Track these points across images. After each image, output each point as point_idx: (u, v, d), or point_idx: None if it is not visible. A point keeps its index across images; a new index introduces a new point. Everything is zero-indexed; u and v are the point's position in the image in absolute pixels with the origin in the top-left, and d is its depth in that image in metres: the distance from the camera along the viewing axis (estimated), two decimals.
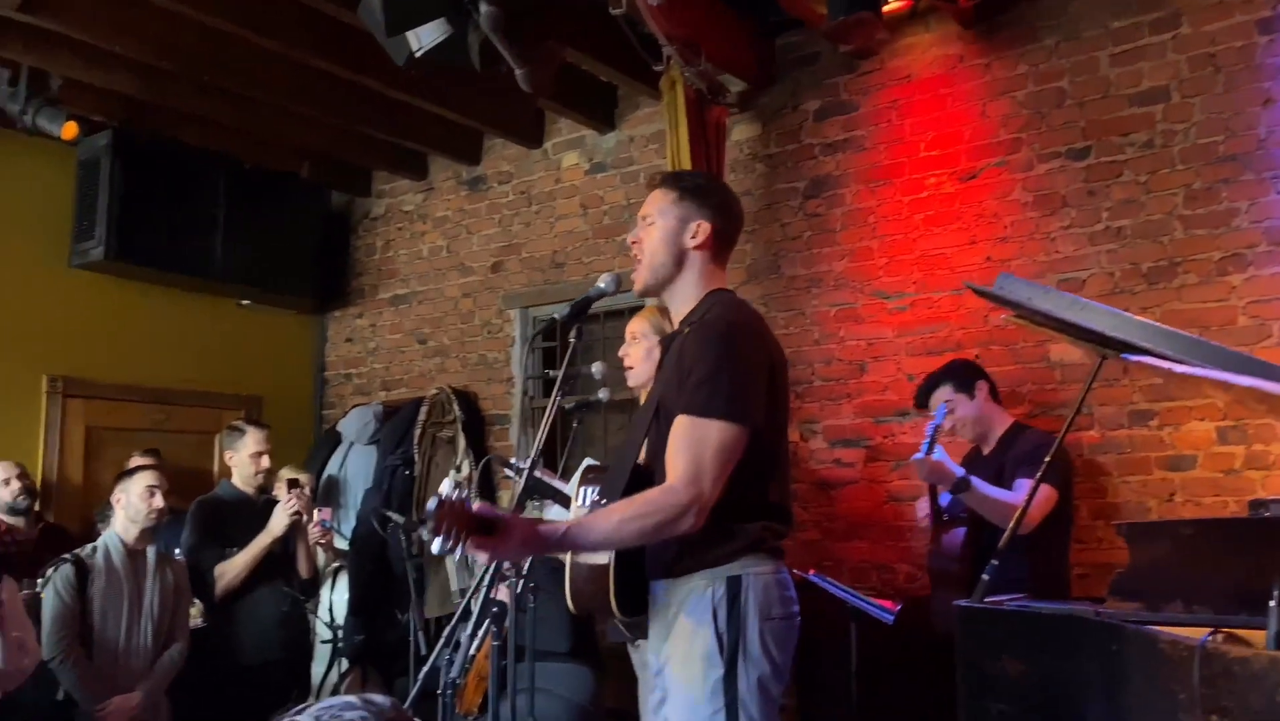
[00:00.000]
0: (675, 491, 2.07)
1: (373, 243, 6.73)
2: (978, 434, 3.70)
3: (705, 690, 2.10)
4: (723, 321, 2.25)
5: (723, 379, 2.13)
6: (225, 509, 4.35)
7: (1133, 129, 4.07)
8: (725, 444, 2.11)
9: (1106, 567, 3.94)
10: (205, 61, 4.82)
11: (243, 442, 4.38)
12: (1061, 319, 2.42)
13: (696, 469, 2.08)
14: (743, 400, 2.14)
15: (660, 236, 2.37)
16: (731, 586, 2.14)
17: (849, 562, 4.56)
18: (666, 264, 2.37)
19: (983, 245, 4.35)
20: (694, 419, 2.12)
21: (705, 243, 2.35)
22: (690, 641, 2.14)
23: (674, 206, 2.36)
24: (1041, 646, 2.46)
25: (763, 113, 5.04)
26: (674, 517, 2.06)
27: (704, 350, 2.18)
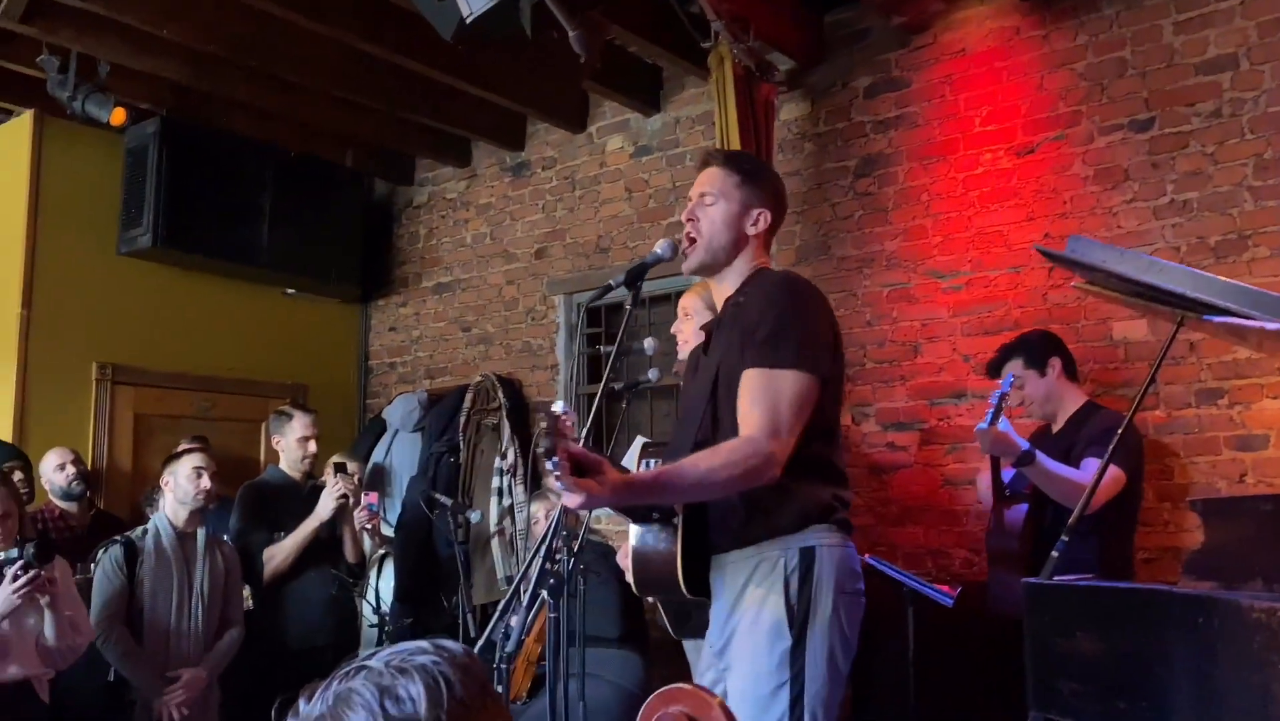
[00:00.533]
0: (758, 441, 2.04)
1: (416, 231, 6.72)
2: (1047, 412, 3.58)
3: (772, 661, 2.04)
4: (783, 279, 2.28)
5: (791, 330, 2.12)
6: (272, 493, 4.35)
7: (1199, 98, 3.94)
8: (799, 393, 2.09)
9: (1173, 551, 3.83)
10: (252, 45, 4.82)
11: (290, 427, 4.37)
12: (1138, 281, 2.32)
13: (774, 418, 2.05)
14: (812, 350, 2.13)
15: (722, 218, 2.34)
16: (805, 557, 2.09)
17: (903, 548, 4.46)
18: (726, 247, 2.35)
19: (1041, 221, 4.23)
20: (765, 370, 2.10)
21: (765, 230, 2.37)
22: (759, 611, 2.08)
23: (737, 190, 2.34)
24: (1119, 622, 2.36)
25: (812, 91, 4.95)
26: (759, 466, 2.02)
27: (768, 305, 2.17)
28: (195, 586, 3.90)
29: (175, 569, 3.86)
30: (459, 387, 5.99)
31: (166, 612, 3.82)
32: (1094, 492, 2.77)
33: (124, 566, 3.76)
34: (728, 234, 2.33)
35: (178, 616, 3.85)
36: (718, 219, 2.33)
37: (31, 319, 5.37)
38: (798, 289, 2.23)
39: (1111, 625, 2.38)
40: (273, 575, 4.19)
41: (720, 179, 2.37)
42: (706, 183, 2.37)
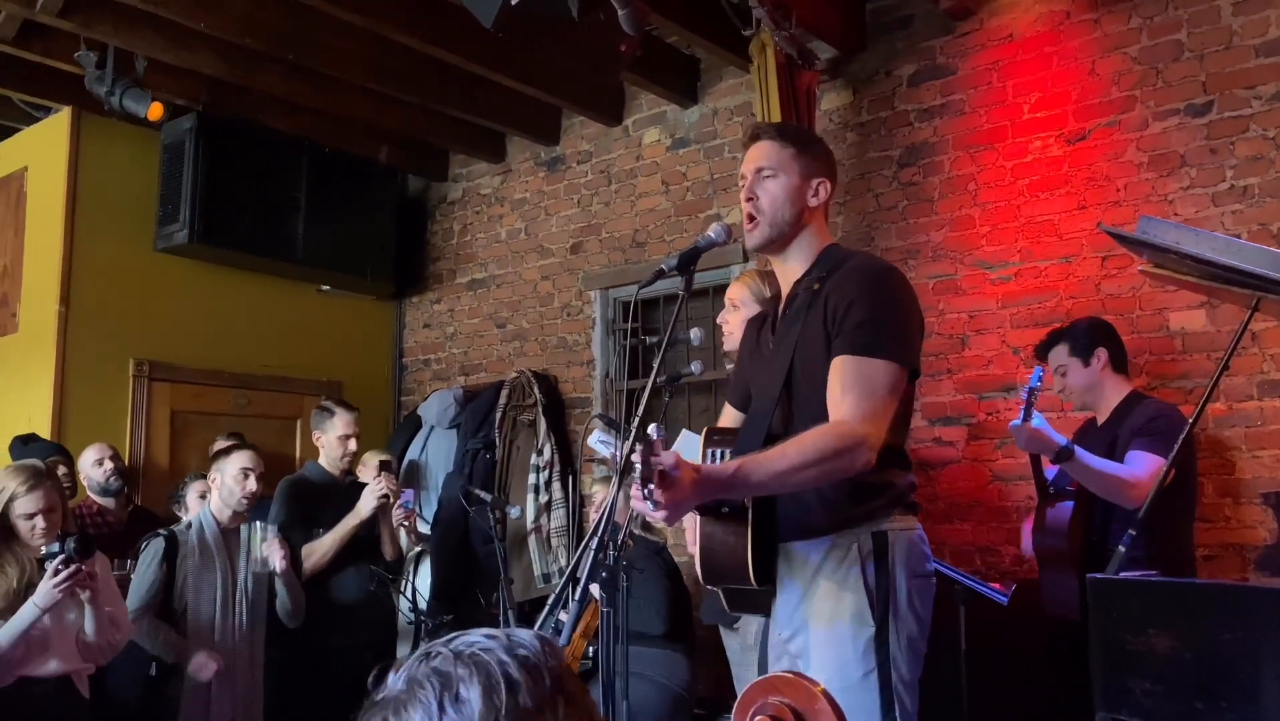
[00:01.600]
0: (848, 425, 1.97)
1: (450, 227, 6.68)
2: (1088, 401, 3.47)
3: (857, 650, 1.99)
4: (876, 264, 2.23)
5: (886, 319, 2.07)
6: (312, 490, 4.31)
7: (1259, 81, 3.81)
8: (892, 383, 2.04)
9: (1234, 548, 3.70)
10: (287, 38, 4.80)
11: (331, 424, 4.33)
12: (1215, 261, 2.22)
13: (869, 404, 2.00)
14: (905, 342, 2.09)
15: (784, 192, 2.27)
16: (878, 541, 2.04)
17: (950, 545, 4.36)
18: (790, 221, 2.28)
19: (1093, 210, 4.12)
20: (859, 358, 2.04)
21: (825, 201, 2.31)
22: (837, 600, 2.02)
23: (795, 161, 2.27)
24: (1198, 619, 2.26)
25: (854, 79, 4.86)
26: (852, 451, 1.95)
27: (860, 292, 2.10)
28: (239, 583, 3.88)
29: (219, 564, 3.84)
30: (494, 384, 5.94)
31: (210, 607, 3.79)
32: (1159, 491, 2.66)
33: (164, 558, 3.73)
34: (791, 208, 2.27)
35: (222, 611, 3.82)
36: (779, 193, 2.26)
37: (69, 315, 5.37)
38: (891, 278, 2.18)
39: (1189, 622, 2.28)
40: (311, 572, 4.15)
41: (775, 152, 2.29)
42: (761, 157, 2.30)
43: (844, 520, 2.07)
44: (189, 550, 3.76)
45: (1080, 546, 3.33)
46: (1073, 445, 3.09)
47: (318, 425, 4.41)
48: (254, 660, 3.89)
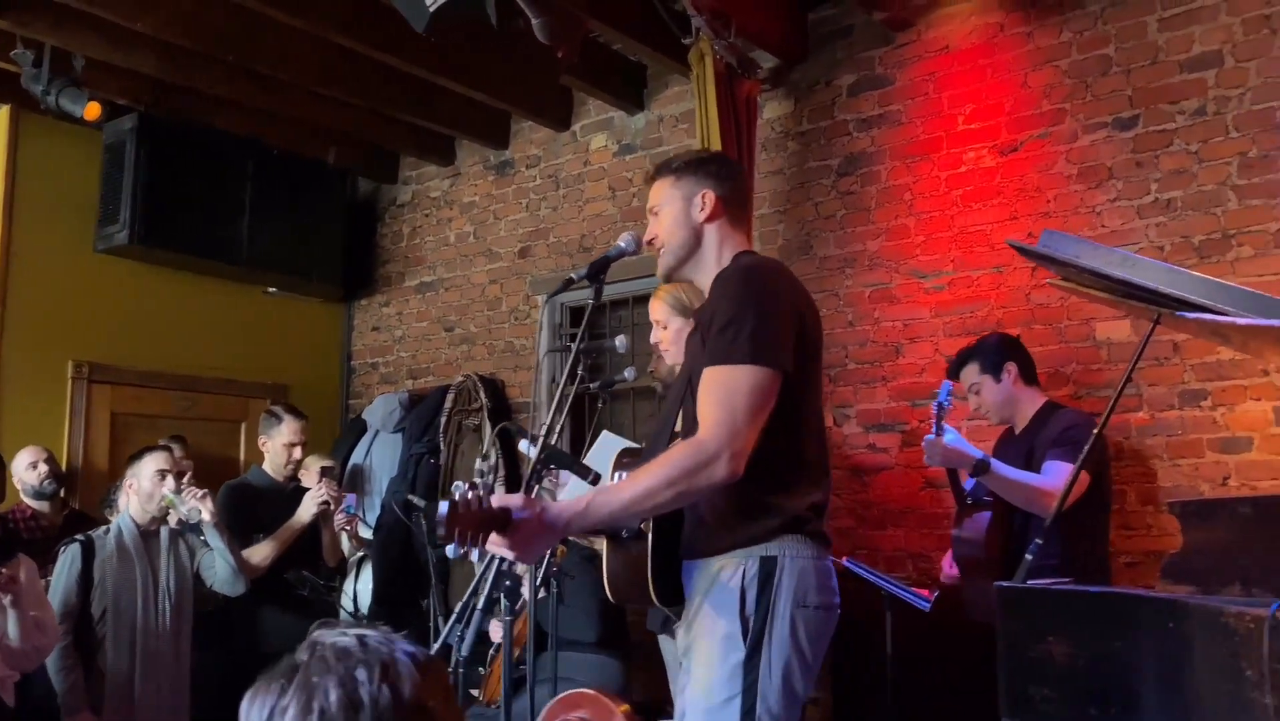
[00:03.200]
0: (703, 442, 1.94)
1: (399, 230, 6.66)
2: (1005, 416, 3.54)
3: (723, 673, 1.97)
4: (741, 267, 2.17)
5: (745, 322, 2.01)
6: (254, 495, 4.30)
7: (1183, 96, 3.89)
8: (754, 387, 1.98)
9: (1156, 555, 3.76)
10: (230, 40, 4.77)
11: (278, 430, 4.32)
12: (1111, 276, 2.27)
13: (727, 415, 1.95)
14: (769, 343, 2.01)
15: (671, 219, 2.30)
16: (765, 566, 2.00)
17: (884, 551, 4.41)
18: (684, 243, 2.29)
19: (1024, 220, 4.18)
20: (719, 367, 2.01)
21: (715, 211, 2.28)
22: (714, 621, 2.01)
23: (674, 188, 2.30)
24: (1091, 627, 2.30)
25: (795, 89, 4.90)
26: (707, 465, 1.91)
27: (722, 296, 2.10)
28: (161, 583, 3.85)
29: (139, 566, 3.80)
30: (440, 388, 5.93)
31: (131, 609, 3.76)
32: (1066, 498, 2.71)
33: (80, 566, 3.70)
34: (680, 231, 2.29)
35: (144, 612, 3.79)
36: (667, 222, 2.31)
37: (6, 316, 5.31)
38: (754, 275, 2.12)
39: (1083, 630, 2.32)
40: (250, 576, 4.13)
41: (659, 187, 2.35)
42: (652, 198, 2.36)
43: (733, 541, 2.04)
44: (107, 555, 3.73)
45: (999, 554, 3.38)
46: (988, 458, 3.14)
47: (264, 430, 4.40)
48: (179, 659, 3.86)
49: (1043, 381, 3.96)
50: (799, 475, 2.10)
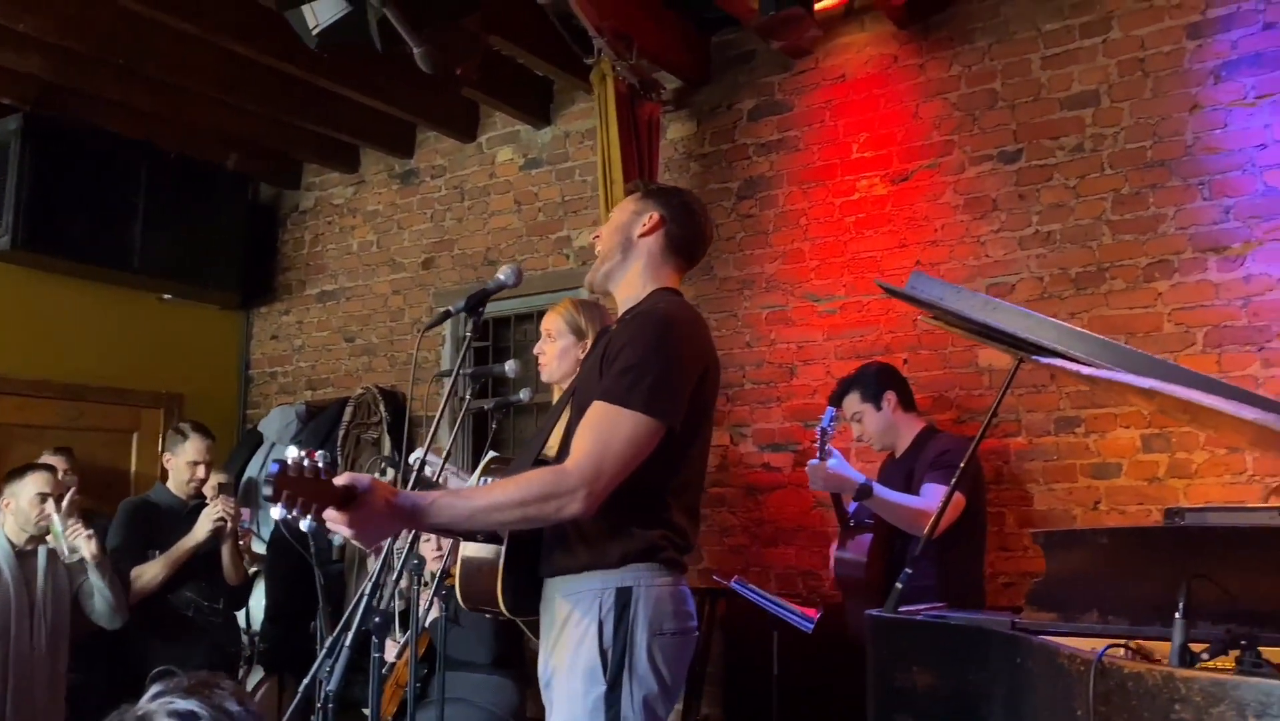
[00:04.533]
0: (566, 472, 1.95)
1: (301, 237, 6.55)
2: (886, 443, 3.64)
3: (586, 706, 1.99)
4: (658, 313, 2.17)
5: (648, 370, 2.02)
6: (154, 513, 4.19)
7: (1063, 132, 4.04)
8: (636, 436, 1.99)
9: (1032, 575, 3.88)
10: (120, 43, 4.63)
11: (183, 448, 4.21)
12: (973, 320, 2.35)
13: (598, 455, 1.96)
14: (665, 396, 2.03)
15: (613, 226, 2.34)
16: (621, 597, 2.02)
17: (776, 568, 4.48)
18: (614, 251, 2.32)
19: (913, 248, 4.29)
20: (609, 405, 2.01)
21: (651, 230, 2.29)
22: (574, 653, 2.03)
23: (633, 203, 2.35)
24: (951, 658, 2.39)
25: (698, 111, 4.96)
26: (558, 496, 1.92)
27: (633, 338, 2.09)
28: (37, 605, 3.73)
29: (14, 589, 3.67)
30: (339, 400, 5.85)
31: (4, 633, 3.63)
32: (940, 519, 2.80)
33: None
34: (614, 238, 2.32)
35: (18, 637, 3.67)
36: (609, 227, 2.36)
37: None
38: (670, 327, 2.12)
39: (945, 660, 2.40)
40: (139, 595, 4.03)
41: (625, 201, 2.40)
42: (615, 209, 2.40)
43: (589, 560, 2.05)
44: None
45: (880, 576, 3.48)
46: (870, 482, 3.22)
47: (170, 447, 4.28)
48: (53, 682, 3.74)
49: (927, 405, 4.09)
50: (661, 516, 2.11)
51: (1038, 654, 2.04)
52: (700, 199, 2.50)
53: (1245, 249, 3.64)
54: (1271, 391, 3.56)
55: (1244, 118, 3.68)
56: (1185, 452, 3.66)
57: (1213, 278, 3.69)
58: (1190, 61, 3.80)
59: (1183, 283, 3.74)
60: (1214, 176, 3.72)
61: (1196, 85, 3.78)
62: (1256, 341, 3.59)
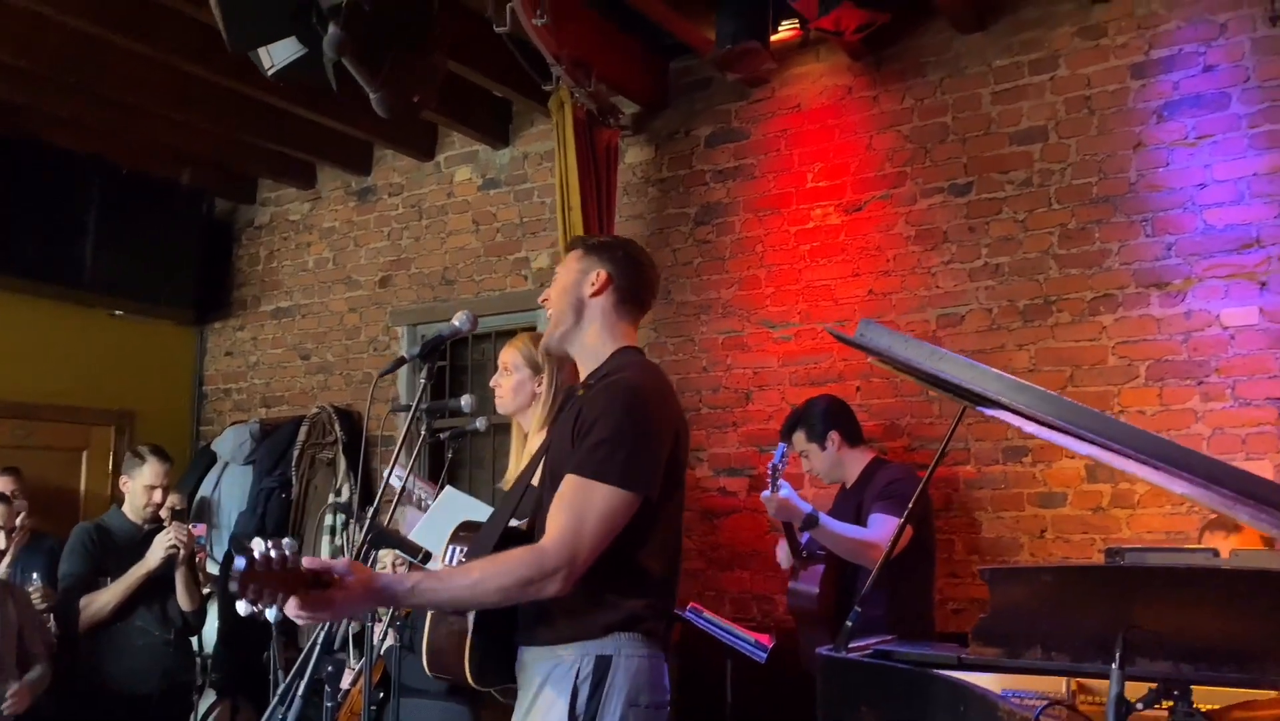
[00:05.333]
0: (545, 553, 1.96)
1: (256, 252, 6.49)
2: (834, 477, 3.71)
3: None
4: (628, 383, 2.16)
5: (622, 443, 2.03)
6: (107, 538, 4.12)
7: (1012, 167, 4.12)
8: (612, 510, 2.00)
9: (981, 602, 3.97)
10: (72, 64, 4.58)
11: (140, 472, 4.15)
12: (919, 369, 2.40)
13: (575, 533, 1.97)
14: (639, 468, 2.03)
15: (561, 287, 2.32)
16: (600, 666, 2.02)
17: (730, 593, 4.53)
18: (566, 313, 2.30)
19: (866, 278, 4.36)
20: (583, 480, 2.02)
21: (601, 288, 2.27)
22: (545, 716, 2.04)
23: (577, 262, 2.32)
24: (896, 701, 2.43)
25: (655, 136, 4.99)
26: (539, 579, 1.94)
27: (605, 410, 2.08)
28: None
29: None
30: (293, 419, 5.81)
31: None
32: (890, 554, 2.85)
33: None
34: (564, 300, 2.30)
35: None
36: (557, 288, 2.33)
37: None
38: (640, 398, 2.12)
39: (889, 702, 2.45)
40: (90, 622, 3.98)
41: (569, 257, 2.38)
42: (559, 266, 2.40)
43: (572, 632, 2.06)
44: None
45: (831, 606, 3.54)
46: (817, 513, 3.28)
47: (127, 470, 4.22)
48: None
49: (879, 432, 4.16)
50: (642, 583, 2.12)
51: (978, 705, 2.10)
52: (641, 246, 2.54)
53: (1186, 285, 3.75)
54: (1209, 424, 3.67)
55: (1185, 157, 3.79)
56: (1128, 483, 3.75)
57: (1155, 312, 3.79)
58: (1134, 101, 3.90)
59: (1126, 317, 3.84)
60: (1156, 214, 3.82)
61: (1140, 124, 3.88)
62: (1196, 375, 3.69)
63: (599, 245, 2.38)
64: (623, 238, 2.57)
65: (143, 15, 4.26)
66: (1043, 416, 2.21)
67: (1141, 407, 3.78)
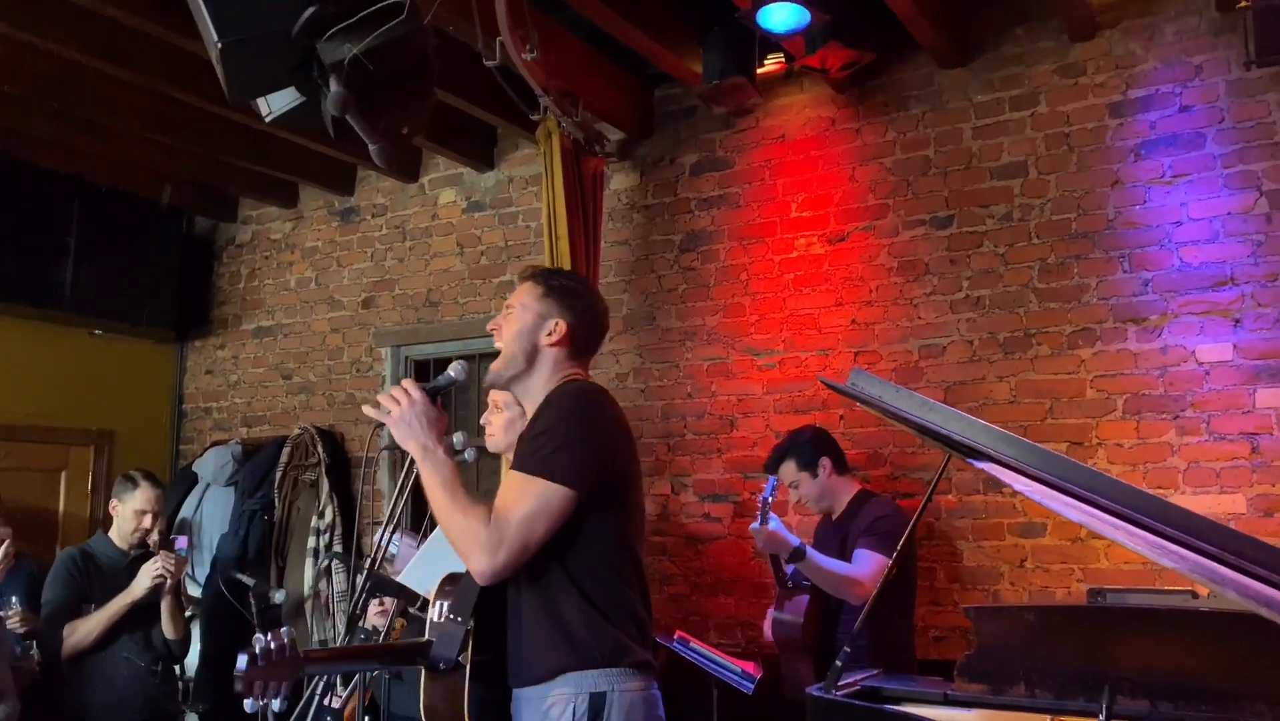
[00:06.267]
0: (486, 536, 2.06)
1: (237, 270, 6.47)
2: (823, 507, 3.76)
3: None
4: (571, 389, 2.28)
5: (555, 439, 2.12)
6: (92, 565, 4.11)
7: (993, 201, 4.19)
8: (546, 502, 2.09)
9: (960, 630, 4.05)
10: (55, 87, 4.56)
11: (131, 496, 4.14)
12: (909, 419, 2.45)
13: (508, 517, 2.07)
14: (570, 464, 2.11)
15: (516, 329, 2.35)
16: (594, 703, 2.08)
17: (715, 618, 4.57)
18: (518, 357, 2.35)
19: (849, 308, 4.42)
20: (519, 474, 2.12)
21: (561, 341, 2.34)
22: None
23: (536, 302, 2.35)
24: None
25: (641, 163, 5.03)
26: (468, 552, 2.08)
27: (545, 409, 2.21)
28: None
29: None
30: (275, 440, 5.79)
31: None
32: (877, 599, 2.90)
33: None
34: (518, 343, 2.34)
35: None
36: (514, 328, 2.35)
37: None
38: (580, 400, 2.22)
39: None
40: (73, 650, 3.97)
41: (527, 292, 2.39)
42: (515, 295, 2.41)
43: (560, 664, 2.11)
44: None
45: (815, 636, 3.60)
46: (804, 546, 3.34)
47: (118, 493, 4.20)
48: None
49: (862, 461, 4.21)
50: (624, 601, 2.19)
51: None
52: (596, 290, 2.59)
53: (1162, 320, 3.83)
54: (1185, 457, 3.75)
55: (1162, 195, 3.87)
56: None
57: (1132, 347, 3.87)
58: (1112, 139, 3.98)
59: (1104, 351, 3.92)
60: (1134, 250, 3.90)
61: (1118, 162, 3.96)
62: (1172, 410, 3.78)
63: (560, 290, 2.39)
64: (579, 279, 2.61)
65: (125, 42, 4.24)
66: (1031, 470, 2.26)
67: (1119, 440, 3.86)
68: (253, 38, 2.15)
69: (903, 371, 4.25)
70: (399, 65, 2.31)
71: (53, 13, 3.99)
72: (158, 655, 4.15)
